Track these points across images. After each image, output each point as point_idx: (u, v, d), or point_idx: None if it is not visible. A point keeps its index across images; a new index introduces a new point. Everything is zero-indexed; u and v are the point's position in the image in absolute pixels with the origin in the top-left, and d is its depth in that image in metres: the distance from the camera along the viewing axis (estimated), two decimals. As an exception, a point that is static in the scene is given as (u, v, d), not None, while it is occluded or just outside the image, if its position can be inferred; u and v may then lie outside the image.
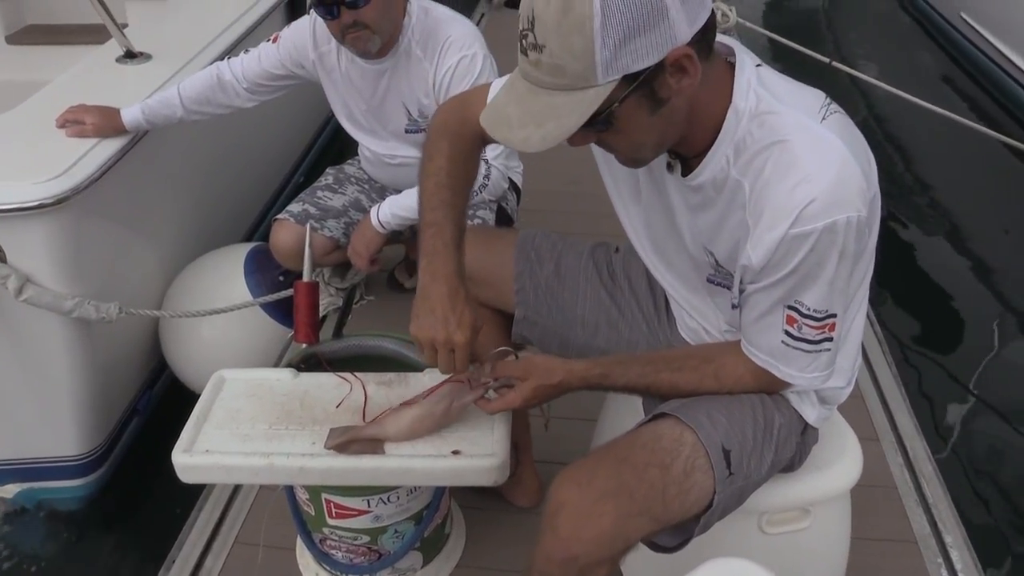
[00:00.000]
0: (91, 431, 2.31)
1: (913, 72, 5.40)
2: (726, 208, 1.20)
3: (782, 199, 1.10)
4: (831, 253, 1.12)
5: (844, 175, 1.09)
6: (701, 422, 1.24)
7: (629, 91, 1.05)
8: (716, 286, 1.32)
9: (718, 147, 1.17)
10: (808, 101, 1.16)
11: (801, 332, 1.20)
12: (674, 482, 1.20)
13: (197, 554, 1.89)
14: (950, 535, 1.87)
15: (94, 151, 2.13)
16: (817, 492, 1.45)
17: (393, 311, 2.66)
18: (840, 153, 1.10)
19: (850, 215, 1.10)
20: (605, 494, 1.17)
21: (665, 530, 1.24)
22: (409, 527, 1.67)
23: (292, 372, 1.62)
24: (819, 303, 1.17)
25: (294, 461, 1.40)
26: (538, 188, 2.57)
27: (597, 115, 1.06)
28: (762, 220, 1.13)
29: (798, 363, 1.23)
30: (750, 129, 1.14)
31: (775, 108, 1.13)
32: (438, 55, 2.05)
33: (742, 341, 1.28)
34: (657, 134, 1.14)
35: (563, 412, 1.83)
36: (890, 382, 2.33)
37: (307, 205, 2.30)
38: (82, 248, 2.12)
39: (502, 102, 1.12)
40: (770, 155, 1.12)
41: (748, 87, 1.14)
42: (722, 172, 1.18)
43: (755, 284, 1.20)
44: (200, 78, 2.23)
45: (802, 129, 1.12)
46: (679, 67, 1.05)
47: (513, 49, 1.09)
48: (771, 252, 1.13)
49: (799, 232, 1.10)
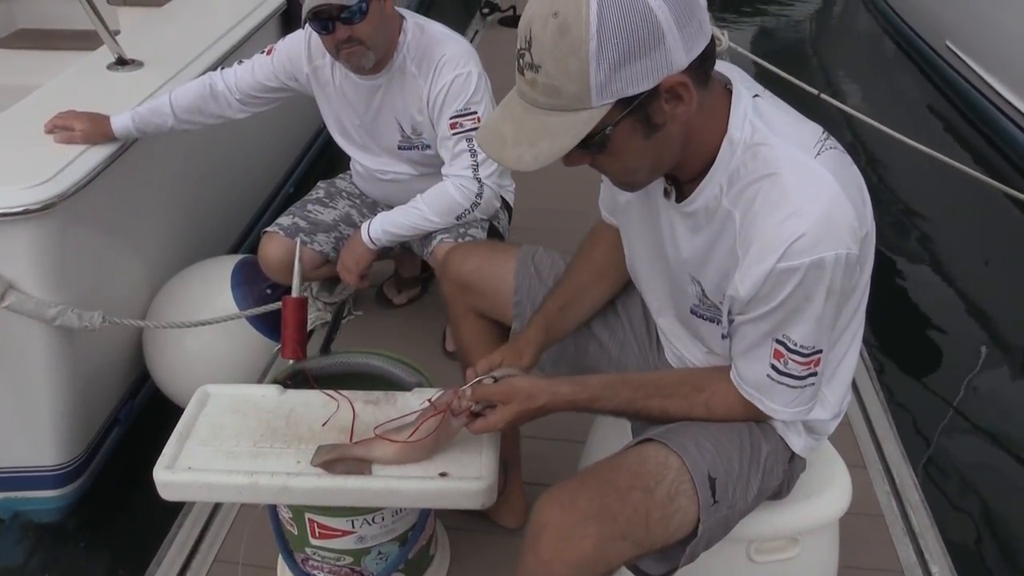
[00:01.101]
0: (70, 441, 2.28)
1: (897, 100, 5.45)
2: (716, 237, 1.20)
3: (771, 232, 1.10)
4: (818, 289, 1.11)
5: (834, 211, 1.09)
6: (688, 448, 1.23)
7: (623, 115, 1.05)
8: (699, 318, 1.32)
9: (712, 176, 1.17)
10: (804, 135, 1.16)
11: (787, 367, 1.19)
12: (658, 506, 1.19)
13: (176, 572, 1.86)
14: (936, 565, 1.87)
15: (82, 158, 2.11)
16: (806, 521, 1.44)
17: (382, 327, 2.65)
18: (831, 189, 1.10)
19: (839, 252, 1.09)
20: (587, 516, 1.16)
21: (649, 555, 1.23)
22: (393, 549, 1.65)
23: (278, 388, 1.60)
24: (806, 339, 1.16)
25: (278, 480, 1.38)
26: (529, 207, 2.56)
27: (591, 137, 1.06)
28: (750, 252, 1.13)
29: (782, 398, 1.23)
30: (744, 160, 1.14)
31: (769, 140, 1.13)
32: (433, 73, 2.05)
33: (732, 371, 1.28)
34: (651, 159, 1.14)
35: (551, 434, 1.83)
36: (877, 409, 2.33)
37: (297, 218, 2.28)
38: (67, 256, 2.09)
39: (498, 120, 1.12)
40: (761, 187, 1.12)
41: (744, 117, 1.14)
42: (715, 201, 1.18)
43: (743, 316, 1.19)
44: (192, 87, 2.22)
45: (795, 163, 1.11)
46: (674, 94, 1.05)
47: (507, 67, 1.09)
48: (759, 285, 1.13)
49: (787, 267, 1.09)
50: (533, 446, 1.89)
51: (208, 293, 2.49)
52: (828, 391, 1.31)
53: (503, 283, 1.59)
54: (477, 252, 1.68)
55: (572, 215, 1.95)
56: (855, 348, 1.33)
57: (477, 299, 1.62)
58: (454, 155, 2.07)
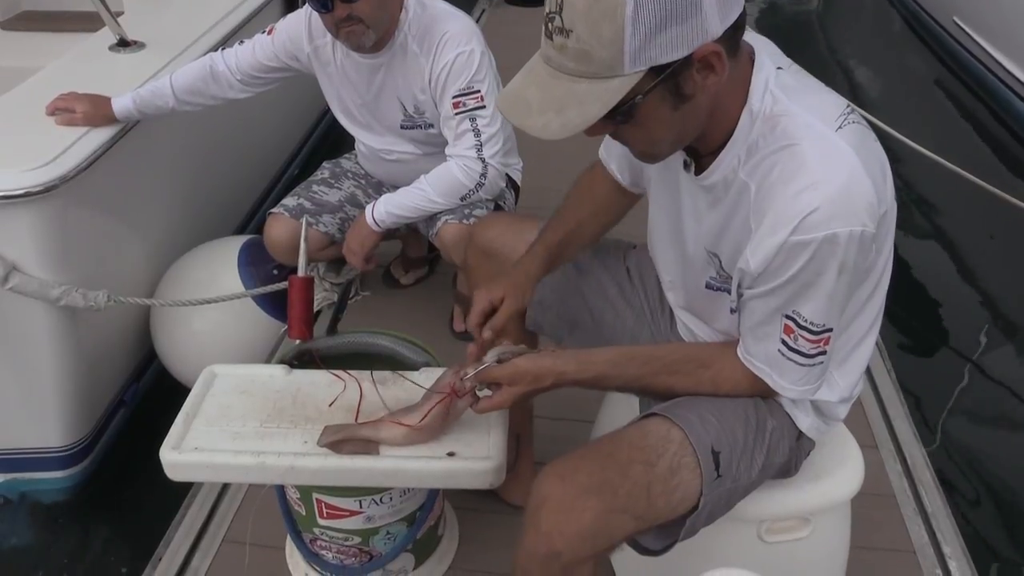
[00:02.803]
0: (76, 422, 2.28)
1: (905, 76, 5.39)
2: (732, 209, 1.18)
3: (785, 204, 1.08)
4: (831, 265, 1.09)
5: (851, 186, 1.06)
6: (691, 422, 1.22)
7: (655, 84, 1.02)
8: (715, 291, 1.30)
9: (731, 148, 1.15)
10: (827, 108, 1.13)
11: (797, 344, 1.17)
12: (659, 480, 1.17)
13: (184, 552, 1.86)
14: (948, 545, 1.85)
15: (83, 140, 2.10)
16: (818, 501, 1.43)
17: (389, 307, 2.64)
18: (850, 163, 1.07)
19: (853, 228, 1.07)
20: (588, 489, 1.15)
21: (650, 531, 1.22)
22: (401, 529, 1.64)
23: (285, 369, 1.59)
24: (816, 316, 1.14)
25: (285, 460, 1.37)
26: (538, 186, 2.54)
27: (619, 106, 1.03)
28: (764, 224, 1.11)
29: (792, 375, 1.21)
30: (763, 132, 1.12)
31: (790, 112, 1.11)
32: (435, 51, 2.02)
33: (739, 347, 1.26)
34: (676, 131, 1.12)
35: (561, 413, 1.82)
36: (890, 390, 2.31)
37: (302, 199, 2.26)
38: (70, 238, 2.08)
39: (521, 85, 1.09)
40: (779, 159, 1.10)
41: (765, 88, 1.12)
42: (732, 173, 1.16)
43: (752, 290, 1.18)
44: (193, 68, 2.20)
45: (814, 135, 1.09)
46: (706, 63, 1.03)
47: (514, 47, 1.06)
48: (770, 258, 1.11)
49: (799, 240, 1.07)
50: (542, 425, 1.88)
51: (214, 274, 2.48)
52: (838, 374, 1.29)
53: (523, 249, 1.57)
54: (501, 221, 1.71)
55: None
56: (872, 335, 1.30)
57: (501, 267, 1.60)
58: (457, 135, 2.04)
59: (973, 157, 4.05)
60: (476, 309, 1.40)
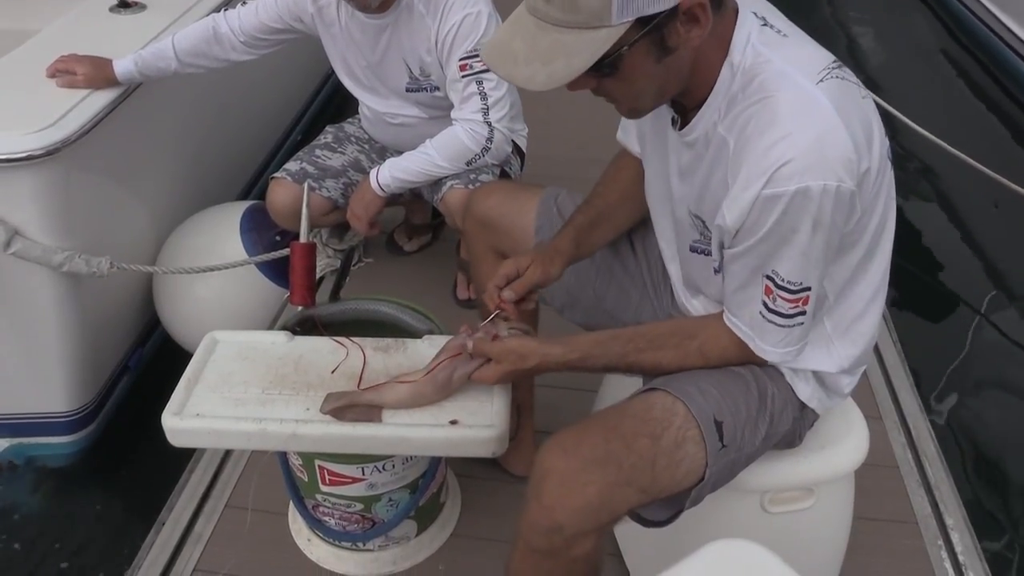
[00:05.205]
0: (81, 388, 2.28)
1: (909, 43, 5.30)
2: (712, 166, 1.17)
3: (758, 157, 1.07)
4: (803, 220, 1.07)
5: (826, 139, 1.05)
6: (691, 394, 1.21)
7: (640, 35, 1.02)
8: (700, 254, 1.29)
9: (711, 102, 1.14)
10: (810, 61, 1.11)
11: (776, 304, 1.16)
12: (664, 453, 1.17)
13: (188, 516, 1.86)
14: (951, 517, 1.85)
15: (85, 102, 2.07)
16: (822, 472, 1.42)
17: (392, 274, 2.62)
18: (826, 116, 1.05)
19: (828, 182, 1.05)
20: (592, 462, 1.14)
21: (653, 503, 1.21)
22: (404, 496, 1.64)
23: (287, 335, 1.58)
24: (793, 274, 1.13)
25: (287, 427, 1.37)
26: (543, 153, 2.51)
27: (605, 58, 1.02)
28: (739, 179, 1.09)
29: (772, 337, 1.20)
30: (742, 85, 1.10)
31: (770, 65, 1.09)
32: (441, 12, 1.98)
33: (724, 312, 1.25)
34: (659, 84, 1.11)
35: (563, 382, 1.80)
36: (895, 360, 2.30)
37: (305, 164, 2.24)
38: (72, 202, 2.07)
39: (507, 36, 1.08)
40: (754, 112, 1.09)
41: (747, 41, 1.10)
42: (712, 127, 1.15)
43: (731, 250, 1.16)
44: (195, 30, 2.16)
45: (791, 87, 1.07)
46: (691, 16, 1.03)
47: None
48: (745, 213, 1.09)
49: (771, 193, 1.06)
50: (545, 394, 1.88)
51: (217, 239, 2.47)
52: (840, 343, 1.28)
53: (524, 222, 1.57)
54: (501, 189, 1.67)
55: (588, 163, 1.90)
56: (876, 307, 1.28)
57: (498, 237, 1.60)
58: (464, 98, 2.01)
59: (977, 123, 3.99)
60: (501, 272, 1.38)
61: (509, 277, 1.38)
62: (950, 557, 1.78)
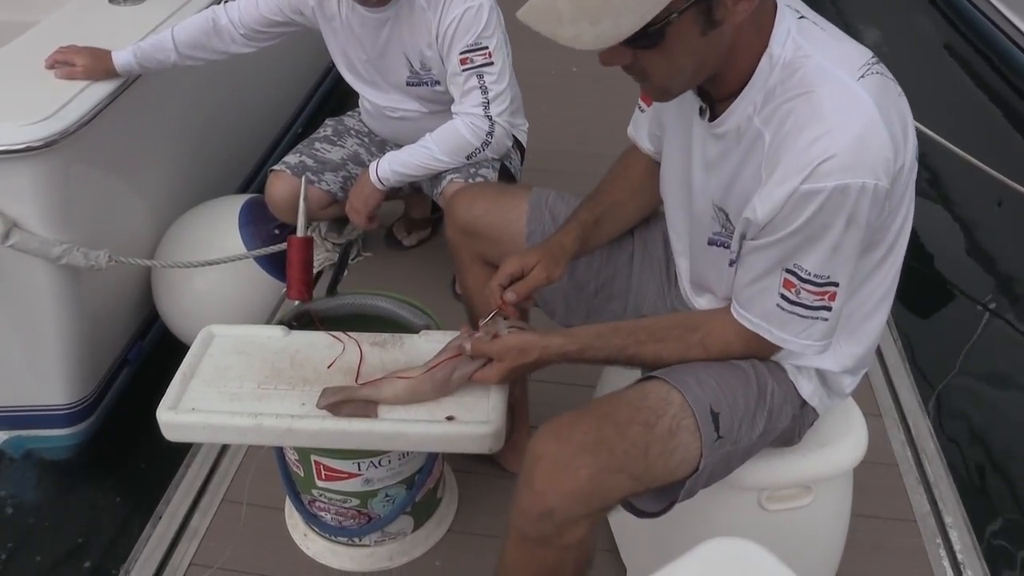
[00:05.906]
0: (80, 380, 2.28)
1: (913, 40, 5.27)
2: (743, 159, 1.15)
3: (798, 152, 1.05)
4: (839, 217, 1.06)
5: (868, 137, 1.04)
6: (688, 384, 1.20)
7: (690, 2, 0.99)
8: (718, 247, 1.27)
9: (747, 93, 1.12)
10: (851, 57, 1.10)
11: (799, 297, 1.14)
12: (657, 441, 1.16)
13: (184, 511, 1.86)
14: (950, 515, 1.85)
15: (84, 94, 2.06)
16: (820, 469, 1.41)
17: (391, 269, 2.62)
18: (869, 113, 1.04)
19: (867, 181, 1.04)
20: (583, 448, 1.13)
21: (646, 493, 1.20)
22: (400, 491, 1.64)
23: (283, 330, 1.57)
24: (820, 268, 1.11)
25: (282, 422, 1.36)
26: (543, 148, 2.50)
27: (652, 24, 0.99)
28: (776, 173, 1.08)
29: (792, 328, 1.18)
30: (781, 78, 1.09)
31: (810, 59, 1.08)
32: (442, 5, 1.97)
33: (732, 304, 1.23)
34: (698, 61, 1.09)
35: (560, 378, 1.80)
36: (895, 358, 2.29)
37: (304, 157, 2.23)
38: (71, 194, 2.06)
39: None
40: (795, 106, 1.07)
41: (787, 34, 1.09)
42: (747, 121, 1.13)
43: (755, 242, 1.15)
44: (195, 22, 2.15)
45: (834, 82, 1.06)
46: None
47: (521, 3, 1.02)
48: (778, 207, 1.08)
49: (810, 189, 1.04)
50: (542, 390, 1.87)
51: (216, 233, 2.46)
52: (845, 343, 1.27)
53: (513, 228, 1.54)
54: (484, 195, 1.62)
55: (590, 158, 1.89)
56: (883, 308, 1.27)
57: (485, 246, 1.57)
58: (464, 92, 2.00)
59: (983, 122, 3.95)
60: (504, 271, 1.37)
61: (513, 276, 1.37)
62: (948, 555, 1.78)
